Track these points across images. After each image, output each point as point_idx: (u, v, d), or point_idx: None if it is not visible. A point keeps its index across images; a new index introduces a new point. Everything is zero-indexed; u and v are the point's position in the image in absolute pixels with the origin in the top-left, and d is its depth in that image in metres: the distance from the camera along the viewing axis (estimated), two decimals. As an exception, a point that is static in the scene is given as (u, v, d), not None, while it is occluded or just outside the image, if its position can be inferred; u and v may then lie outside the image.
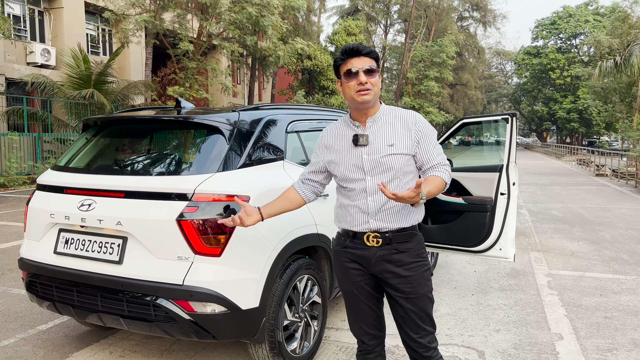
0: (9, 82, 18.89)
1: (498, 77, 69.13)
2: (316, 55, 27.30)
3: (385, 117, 2.26)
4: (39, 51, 19.90)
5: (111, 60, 17.39)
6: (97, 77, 17.19)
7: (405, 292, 2.24)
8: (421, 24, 38.00)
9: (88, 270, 2.89)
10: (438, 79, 34.39)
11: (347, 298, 2.36)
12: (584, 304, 4.53)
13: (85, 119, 3.42)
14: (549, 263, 6.00)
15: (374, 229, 2.21)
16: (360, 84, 2.14)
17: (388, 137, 2.22)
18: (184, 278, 2.68)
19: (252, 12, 14.52)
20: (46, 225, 3.10)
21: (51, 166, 3.36)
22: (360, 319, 2.36)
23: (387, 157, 2.19)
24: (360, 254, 2.26)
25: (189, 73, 16.28)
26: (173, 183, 2.79)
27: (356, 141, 2.23)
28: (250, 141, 3.08)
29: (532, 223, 8.76)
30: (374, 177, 2.20)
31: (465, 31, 44.58)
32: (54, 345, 3.67)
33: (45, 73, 18.70)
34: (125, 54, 23.33)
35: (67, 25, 20.74)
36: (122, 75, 23.09)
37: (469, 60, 47.64)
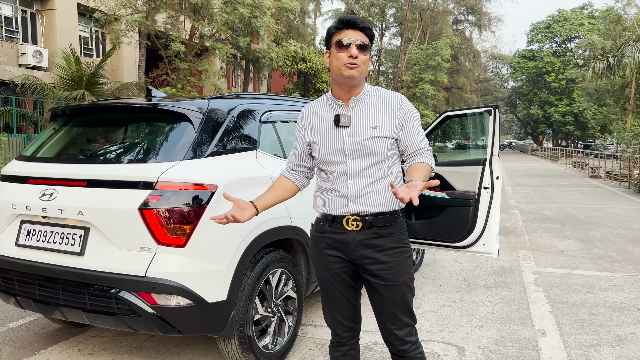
0: (0, 83, 18.77)
1: (494, 81, 69.25)
2: (311, 58, 27.22)
3: (368, 98, 2.15)
4: (31, 53, 19.76)
5: (103, 62, 17.25)
6: (89, 79, 17.04)
7: (385, 278, 2.12)
8: (416, 27, 38.02)
9: (49, 263, 2.79)
10: (433, 82, 34.34)
11: (323, 287, 2.26)
12: (569, 301, 4.44)
13: (53, 107, 3.32)
14: (537, 261, 5.91)
15: (353, 212, 2.11)
16: (351, 56, 2.02)
17: (371, 118, 2.11)
18: (147, 269, 2.58)
19: (244, 13, 14.43)
20: (8, 216, 3.00)
21: (16, 156, 3.25)
22: (335, 309, 2.25)
23: (370, 140, 2.09)
24: (340, 238, 2.14)
25: (180, 74, 16.16)
26: (136, 171, 2.69)
27: (337, 122, 2.11)
28: (221, 130, 2.99)
29: (523, 222, 8.68)
30: (355, 160, 2.10)
31: (460, 34, 44.60)
32: (21, 342, 3.55)
33: (37, 75, 18.56)
34: (119, 55, 23.22)
35: (59, 26, 20.63)
36: (116, 77, 22.96)
37: (464, 63, 47.66)
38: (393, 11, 42.95)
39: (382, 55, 42.94)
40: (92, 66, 17.92)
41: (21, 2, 20.58)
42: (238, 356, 2.92)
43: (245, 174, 2.98)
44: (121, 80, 21.25)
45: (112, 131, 3.10)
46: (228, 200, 2.14)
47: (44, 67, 20.04)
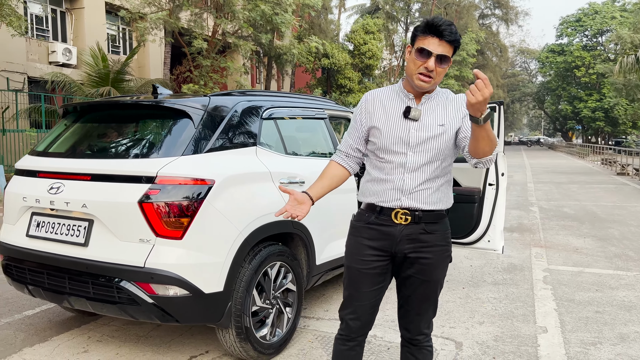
0: (31, 80, 19.34)
1: (522, 76, 68.00)
2: (334, 54, 27.24)
3: (439, 97, 2.15)
4: (61, 50, 20.32)
5: (128, 59, 17.64)
6: (115, 76, 17.45)
7: (423, 274, 2.16)
8: (441, 21, 37.58)
9: (56, 253, 2.92)
10: (458, 77, 33.98)
11: (352, 276, 2.21)
12: (576, 299, 4.40)
13: (64, 104, 3.46)
14: (549, 259, 5.86)
15: (404, 207, 2.10)
16: (426, 68, 1.99)
17: (440, 116, 2.11)
18: (145, 260, 2.69)
19: (265, 10, 14.54)
20: (20, 208, 3.15)
21: (28, 152, 3.41)
22: (357, 300, 2.21)
23: (436, 136, 2.09)
24: (386, 230, 2.13)
25: (203, 71, 16.39)
26: (137, 166, 2.80)
27: (407, 113, 2.10)
28: (220, 126, 3.07)
29: (541, 220, 8.58)
30: (416, 154, 2.09)
31: (487, 29, 43.95)
32: (35, 329, 3.72)
33: (66, 72, 19.07)
34: (145, 53, 23.67)
35: (87, 25, 21.13)
36: (142, 73, 23.40)
37: (491, 58, 46.95)
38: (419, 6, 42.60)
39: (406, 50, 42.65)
40: (118, 63, 18.33)
41: (51, 1, 21.14)
42: (236, 346, 3.01)
43: (243, 169, 3.07)
44: (147, 77, 21.66)
45: (117, 127, 3.22)
46: (285, 192, 2.12)
47: (73, 64, 20.56)
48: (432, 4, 34.97)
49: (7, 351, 3.35)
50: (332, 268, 3.87)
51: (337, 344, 2.31)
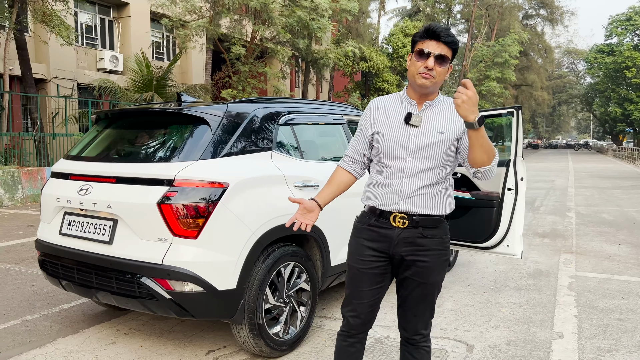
0: (81, 86, 20.27)
1: (569, 77, 65.92)
2: (372, 57, 27.30)
3: (441, 105, 2.22)
4: (108, 58, 21.22)
5: (170, 66, 18.23)
6: (158, 82, 18.09)
7: (419, 277, 2.22)
8: (482, 23, 36.99)
9: (85, 250, 3.15)
10: (500, 79, 33.34)
11: (352, 275, 2.31)
12: (599, 306, 4.34)
13: (96, 111, 3.71)
14: (578, 265, 5.76)
15: (402, 210, 2.17)
16: (426, 67, 2.08)
17: (440, 123, 2.18)
18: (163, 258, 2.87)
19: (301, 16, 14.78)
20: (54, 208, 3.40)
21: (64, 156, 3.67)
22: (356, 299, 2.30)
23: (435, 143, 2.15)
24: (384, 232, 2.21)
25: (241, 76, 16.78)
26: (157, 169, 2.99)
27: (408, 119, 2.17)
28: (237, 132, 3.24)
29: (576, 226, 8.39)
30: (415, 159, 2.16)
31: (531, 30, 42.91)
32: (70, 321, 3.98)
33: (113, 78, 19.91)
34: (187, 59, 24.41)
35: (133, 32, 21.98)
36: (185, 79, 24.15)
37: (535, 60, 45.79)
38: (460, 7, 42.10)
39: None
40: (161, 69, 18.97)
41: (100, 11, 22.10)
42: (249, 341, 3.15)
43: (258, 173, 3.21)
44: (189, 83, 22.33)
45: (141, 133, 3.43)
46: (294, 202, 2.26)
47: (120, 70, 21.41)
48: (474, 5, 34.44)
49: (43, 341, 3.61)
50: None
51: (339, 340, 2.41)
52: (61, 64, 19.13)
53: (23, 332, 3.78)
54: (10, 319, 4.04)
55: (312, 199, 2.29)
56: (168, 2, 15.90)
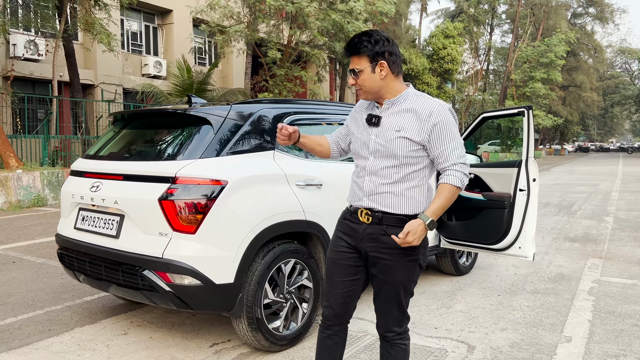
0: (126, 91, 21.09)
1: (622, 78, 63.25)
2: (411, 59, 27.11)
3: (403, 102, 2.24)
4: (152, 63, 21.99)
5: (210, 71, 18.67)
6: (198, 86, 18.60)
7: (382, 273, 2.27)
8: (527, 23, 36.05)
9: (95, 244, 3.33)
10: (545, 80, 32.39)
11: (328, 266, 2.42)
12: (617, 311, 4.20)
13: (113, 113, 3.91)
14: (604, 270, 5.58)
15: (366, 207, 2.27)
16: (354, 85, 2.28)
17: (397, 122, 2.21)
18: (163, 252, 3.01)
19: (336, 19, 14.87)
20: (70, 204, 3.61)
21: (82, 155, 3.88)
22: (331, 290, 2.38)
23: (392, 141, 2.20)
24: (353, 227, 2.32)
25: (277, 80, 17.01)
26: (160, 167, 3.13)
27: (369, 120, 2.29)
28: (239, 132, 3.34)
29: (612, 230, 8.10)
30: (376, 159, 2.24)
31: (580, 29, 41.47)
32: (89, 313, 4.20)
33: (156, 83, 20.59)
34: (229, 64, 24.98)
35: (176, 39, 22.69)
36: (226, 83, 24.69)
37: (585, 60, 44.20)
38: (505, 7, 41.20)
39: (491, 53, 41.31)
40: (202, 74, 19.49)
41: (145, 18, 22.94)
42: (248, 335, 3.25)
43: (258, 171, 3.31)
44: (230, 87, 22.83)
45: (150, 133, 3.60)
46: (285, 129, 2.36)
47: (163, 76, 22.13)
48: (518, 5, 33.63)
49: (61, 329, 3.83)
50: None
51: (319, 332, 2.48)
52: (108, 70, 19.95)
53: (45, 321, 4.01)
54: (36, 309, 4.29)
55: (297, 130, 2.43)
56: (207, 9, 16.31)
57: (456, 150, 2.20)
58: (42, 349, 3.47)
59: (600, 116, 71.26)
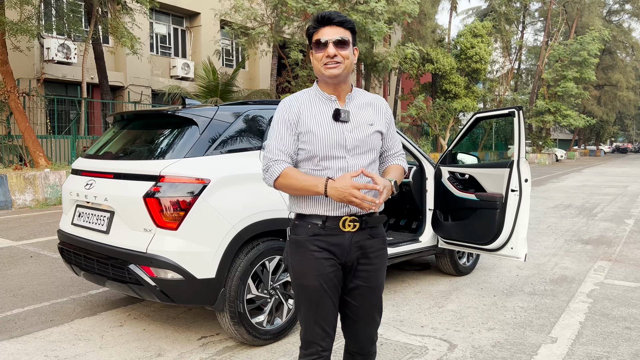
0: (154, 93, 21.62)
1: (663, 76, 60.98)
2: (438, 59, 26.87)
3: (361, 98, 2.15)
4: (180, 65, 22.48)
5: (235, 73, 18.99)
6: (223, 87, 18.94)
7: (369, 280, 2.11)
8: (560, 21, 35.22)
9: (88, 239, 3.51)
10: (578, 79, 31.58)
11: (311, 295, 2.06)
12: (612, 314, 4.15)
13: (112, 114, 4.09)
14: (610, 272, 5.48)
15: (352, 213, 2.03)
16: (328, 56, 1.97)
17: (367, 115, 2.11)
18: (147, 247, 3.15)
19: (357, 20, 14.92)
20: (69, 201, 3.80)
21: (81, 155, 4.07)
22: (323, 319, 2.07)
23: (368, 136, 2.08)
24: (334, 240, 2.03)
25: (300, 81, 17.19)
26: (146, 166, 3.28)
27: (337, 116, 2.04)
28: (225, 132, 3.46)
29: (629, 233, 7.91)
30: (354, 156, 2.05)
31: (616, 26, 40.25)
32: (91, 305, 4.39)
33: (184, 85, 21.09)
34: (255, 65, 25.32)
35: (204, 41, 23.12)
36: (253, 84, 25.04)
37: (621, 58, 42.87)
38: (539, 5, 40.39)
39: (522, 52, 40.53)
40: (227, 76, 19.82)
41: (174, 22, 23.45)
42: (231, 329, 3.36)
43: (242, 170, 3.42)
44: (257, 88, 23.14)
45: (143, 133, 3.76)
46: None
47: (191, 77, 22.59)
48: (550, 2, 32.90)
49: (62, 320, 4.02)
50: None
51: None
52: (137, 72, 20.51)
53: (49, 312, 4.22)
54: (43, 301, 4.51)
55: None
56: (232, 11, 16.60)
57: (400, 142, 2.28)
58: (41, 338, 3.66)
59: (639, 116, 68.91)
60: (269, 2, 16.06)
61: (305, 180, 1.99)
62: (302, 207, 2.09)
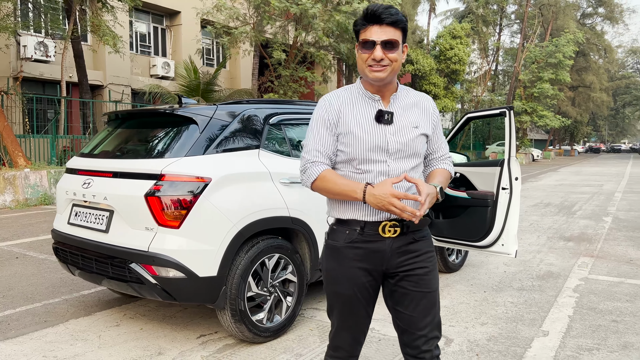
0: (134, 92, 21.36)
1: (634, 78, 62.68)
2: (418, 60, 27.15)
3: (407, 97, 2.03)
4: (160, 64, 22.24)
5: (216, 72, 18.89)
6: (205, 87, 18.82)
7: (423, 285, 1.98)
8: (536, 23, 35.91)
9: (86, 238, 3.49)
10: (554, 81, 32.24)
11: (345, 303, 2.01)
12: (599, 308, 4.28)
13: (106, 112, 4.06)
14: (593, 268, 5.65)
15: (392, 217, 1.93)
16: (374, 59, 1.87)
17: (412, 117, 2.00)
18: (149, 245, 3.15)
19: (339, 20, 15.00)
20: (64, 200, 3.77)
21: (77, 153, 4.04)
22: (356, 329, 2.04)
23: (412, 140, 1.97)
24: (374, 247, 1.95)
25: (283, 81, 17.18)
26: (147, 165, 3.28)
27: (380, 118, 1.94)
28: (224, 131, 3.48)
29: (608, 230, 8.13)
30: (396, 161, 1.95)
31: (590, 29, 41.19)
32: (85, 306, 4.36)
33: (164, 84, 20.86)
34: (236, 65, 25.19)
35: (184, 40, 22.91)
36: (234, 84, 24.91)
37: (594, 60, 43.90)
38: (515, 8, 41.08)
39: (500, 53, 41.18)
40: (209, 75, 19.71)
41: (153, 20, 23.20)
42: (232, 326, 3.38)
43: (242, 169, 3.44)
44: (238, 87, 23.05)
45: (140, 132, 3.75)
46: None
47: (171, 76, 22.38)
48: (526, 5, 33.52)
49: (56, 320, 3.99)
50: (339, 264, 4.11)
51: None
52: (117, 70, 20.23)
53: (42, 313, 4.17)
54: (34, 301, 4.46)
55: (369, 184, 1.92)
56: (214, 10, 16.50)
57: (447, 145, 2.17)
58: (37, 339, 3.63)
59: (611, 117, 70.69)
60: (252, 2, 16.01)
61: (343, 184, 1.91)
62: (339, 212, 2.00)
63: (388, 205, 1.80)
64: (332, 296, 2.05)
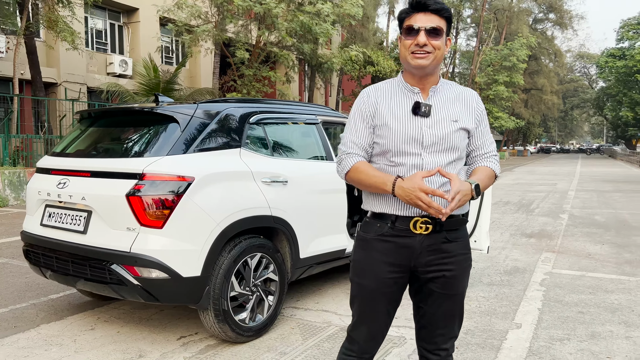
0: (90, 90, 20.72)
1: (582, 82, 65.50)
2: (379, 61, 27.49)
3: (449, 90, 1.99)
4: (118, 62, 21.66)
5: (177, 70, 18.56)
6: (165, 85, 18.45)
7: (447, 287, 1.96)
8: (491, 27, 37.04)
9: (62, 239, 3.38)
10: (508, 83, 33.33)
11: (366, 296, 1.99)
12: (565, 300, 4.48)
13: (79, 111, 3.95)
14: (556, 263, 5.89)
15: (424, 214, 1.87)
16: (418, 44, 1.83)
17: (452, 111, 1.94)
18: (131, 246, 3.09)
19: (303, 20, 15.03)
20: (37, 201, 3.65)
21: (49, 153, 3.91)
22: (374, 325, 2.02)
23: (450, 134, 1.91)
24: (404, 242, 1.91)
25: (246, 80, 17.07)
26: (127, 164, 3.21)
27: (417, 110, 1.90)
28: (205, 130, 3.45)
29: (566, 227, 8.49)
30: (431, 154, 1.89)
31: (541, 34, 42.78)
32: (55, 310, 4.22)
33: (122, 82, 20.31)
34: (196, 63, 24.80)
35: (142, 37, 22.39)
36: (194, 83, 24.51)
37: (545, 64, 45.64)
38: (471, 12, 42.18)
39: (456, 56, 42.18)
40: (168, 73, 19.34)
41: (110, 16, 22.58)
42: (215, 327, 3.35)
43: (224, 168, 3.42)
44: (198, 86, 22.71)
45: (118, 131, 3.67)
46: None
47: (129, 75, 21.83)
48: (482, 9, 34.50)
49: (27, 326, 3.85)
50: (318, 263, 4.15)
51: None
52: (72, 68, 19.58)
53: (10, 318, 4.02)
54: (0, 307, 4.28)
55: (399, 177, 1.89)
56: (174, 8, 16.23)
57: (493, 142, 2.09)
58: (8, 345, 3.49)
59: (560, 118, 73.66)
60: (213, 0, 15.84)
61: (375, 176, 1.90)
62: (373, 205, 1.98)
63: (415, 199, 1.77)
64: (355, 287, 2.03)
